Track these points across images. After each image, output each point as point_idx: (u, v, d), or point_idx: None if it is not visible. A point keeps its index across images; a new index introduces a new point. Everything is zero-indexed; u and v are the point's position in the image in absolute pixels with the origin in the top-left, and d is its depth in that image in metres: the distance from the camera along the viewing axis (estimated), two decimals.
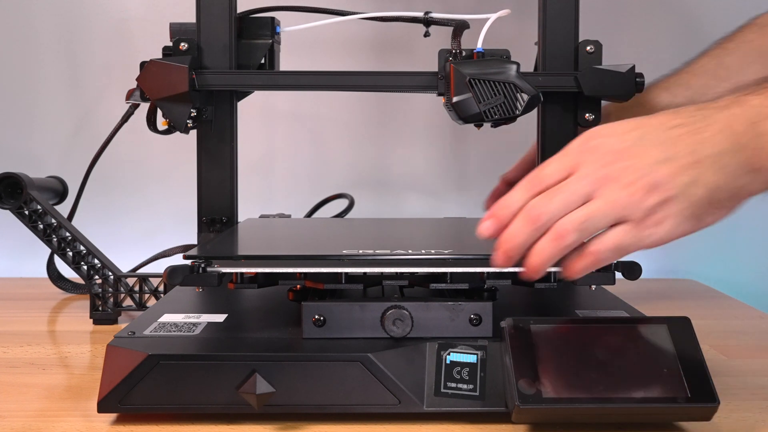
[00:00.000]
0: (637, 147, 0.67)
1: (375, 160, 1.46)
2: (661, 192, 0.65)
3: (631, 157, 0.66)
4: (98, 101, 1.42)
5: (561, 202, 0.66)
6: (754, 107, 0.67)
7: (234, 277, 0.75)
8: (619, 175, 0.66)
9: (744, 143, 0.66)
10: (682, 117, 0.68)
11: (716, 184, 0.66)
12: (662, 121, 0.68)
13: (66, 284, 1.24)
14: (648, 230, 0.66)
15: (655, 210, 0.66)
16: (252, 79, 1.00)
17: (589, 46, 0.96)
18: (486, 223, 0.69)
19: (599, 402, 0.67)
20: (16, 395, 0.79)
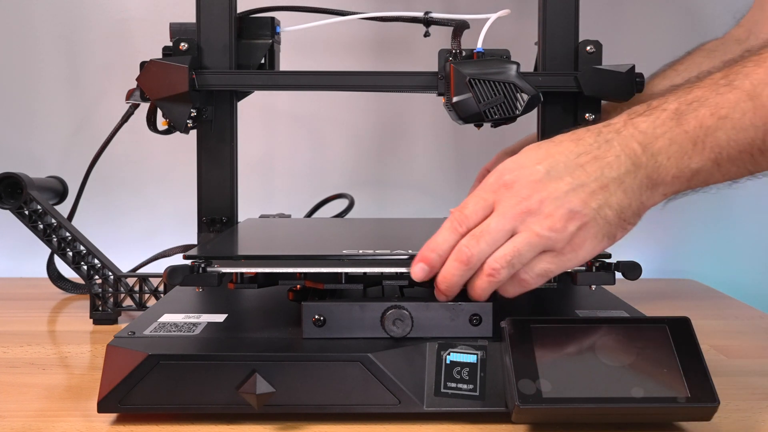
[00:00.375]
0: (548, 179, 0.72)
1: (375, 160, 1.46)
2: (578, 218, 0.71)
3: (545, 188, 0.71)
4: (98, 101, 1.42)
5: (487, 242, 0.71)
6: (644, 132, 0.72)
7: (234, 277, 0.75)
8: (537, 207, 0.71)
9: (641, 163, 0.72)
10: (585, 144, 0.73)
11: (623, 204, 0.72)
12: (567, 150, 0.73)
13: (66, 284, 1.24)
14: (569, 255, 0.72)
15: (574, 237, 0.71)
16: (252, 79, 1.00)
17: (589, 46, 0.96)
18: (417, 267, 0.73)
19: (599, 402, 0.67)
20: (16, 395, 0.79)
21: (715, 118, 0.71)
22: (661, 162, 0.72)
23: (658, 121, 0.72)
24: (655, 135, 0.72)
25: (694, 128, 0.71)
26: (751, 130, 0.70)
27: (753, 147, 0.71)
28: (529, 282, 0.72)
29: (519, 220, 0.71)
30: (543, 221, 0.70)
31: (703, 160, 0.71)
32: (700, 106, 0.71)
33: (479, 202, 0.73)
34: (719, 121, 0.70)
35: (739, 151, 0.71)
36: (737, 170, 0.72)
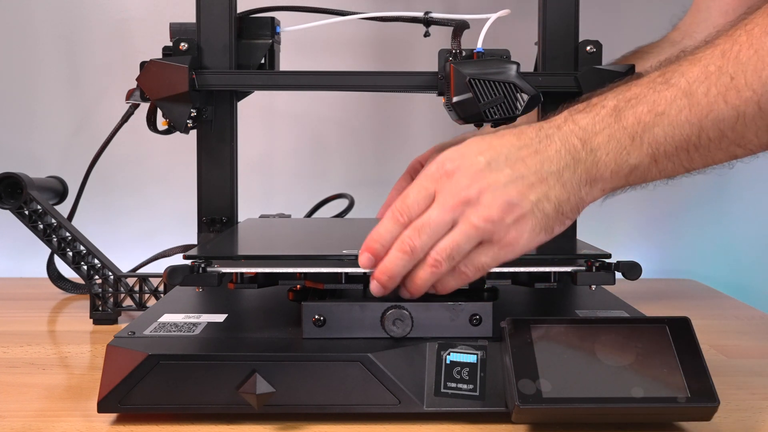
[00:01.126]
0: (489, 170, 0.72)
1: (375, 160, 1.46)
2: (516, 210, 0.71)
3: (484, 179, 0.72)
4: (98, 101, 1.42)
5: (428, 235, 0.72)
6: (584, 128, 0.73)
7: (234, 277, 0.75)
8: (475, 197, 0.71)
9: (580, 159, 0.73)
10: (526, 138, 0.74)
11: (561, 198, 0.72)
12: (509, 143, 0.74)
13: (66, 284, 1.24)
14: (507, 247, 0.72)
15: (511, 229, 0.72)
16: (252, 79, 1.00)
17: (589, 46, 0.96)
18: (363, 256, 0.74)
19: (599, 402, 0.67)
20: (16, 395, 0.79)
21: (652, 115, 0.71)
22: (599, 157, 0.72)
23: (597, 118, 0.73)
24: (594, 131, 0.73)
25: (632, 124, 0.72)
26: (687, 127, 0.71)
27: (689, 143, 0.71)
28: (468, 275, 0.73)
29: (458, 211, 0.72)
30: (480, 212, 0.71)
31: (641, 156, 0.72)
32: (638, 103, 0.72)
33: (421, 192, 0.73)
34: (656, 118, 0.71)
35: (676, 147, 0.72)
36: (673, 167, 0.73)
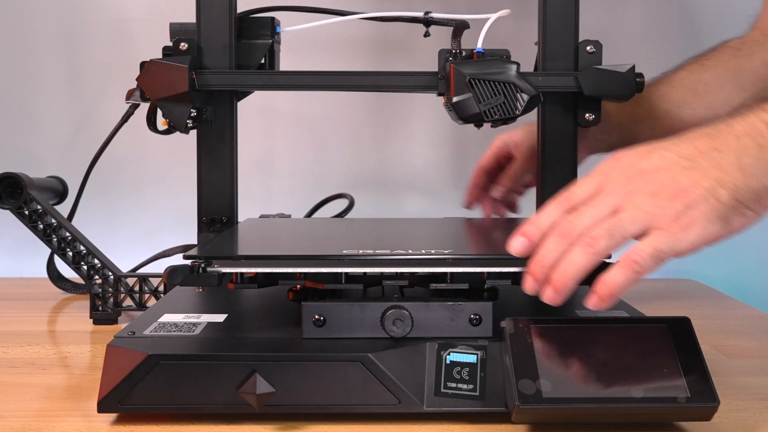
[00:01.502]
0: (660, 160, 0.70)
1: (375, 160, 1.46)
2: (686, 197, 0.67)
3: (654, 170, 0.69)
4: (98, 101, 1.42)
5: (590, 216, 0.68)
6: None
7: (234, 277, 0.75)
8: (644, 187, 0.69)
9: (764, 144, 0.68)
10: (704, 131, 0.71)
11: (739, 185, 0.68)
12: (686, 137, 0.71)
13: (66, 284, 1.24)
14: (679, 234, 0.67)
15: (682, 215, 0.67)
16: (252, 79, 1.00)
17: (589, 46, 0.96)
18: (516, 241, 0.71)
19: (599, 402, 0.67)
20: (16, 395, 0.79)
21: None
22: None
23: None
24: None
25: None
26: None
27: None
28: (641, 263, 0.66)
29: (624, 198, 0.68)
30: (647, 199, 0.68)
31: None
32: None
33: (588, 184, 0.71)
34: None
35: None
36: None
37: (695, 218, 0.67)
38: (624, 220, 0.68)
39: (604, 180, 0.71)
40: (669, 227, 0.67)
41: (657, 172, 0.69)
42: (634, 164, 0.70)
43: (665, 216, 0.67)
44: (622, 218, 0.68)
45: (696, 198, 0.67)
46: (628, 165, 0.70)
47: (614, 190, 0.69)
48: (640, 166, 0.70)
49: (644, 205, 0.68)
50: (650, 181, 0.69)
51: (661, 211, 0.67)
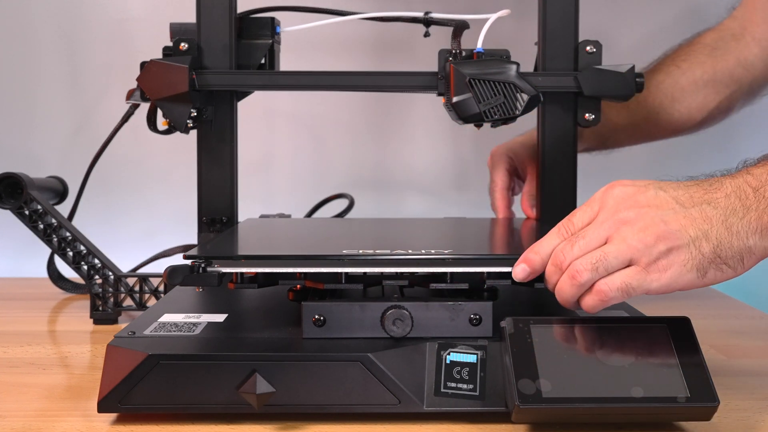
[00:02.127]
0: (655, 198, 0.72)
1: (375, 160, 1.46)
2: (670, 240, 0.70)
3: (648, 205, 0.72)
4: (98, 101, 1.42)
5: (580, 247, 0.72)
6: (758, 177, 0.73)
7: (234, 277, 0.75)
8: (634, 219, 0.71)
9: (749, 205, 0.71)
10: (695, 182, 0.74)
11: (723, 241, 0.70)
12: (682, 183, 0.74)
13: (66, 284, 1.24)
14: (652, 275, 0.70)
15: (662, 257, 0.70)
16: (252, 79, 1.00)
17: (589, 46, 0.96)
18: (519, 268, 0.74)
19: (599, 402, 0.67)
20: (16, 395, 0.79)
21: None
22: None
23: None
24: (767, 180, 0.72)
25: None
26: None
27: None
28: (607, 294, 0.71)
29: (614, 229, 0.71)
30: (635, 233, 0.70)
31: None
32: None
33: (584, 213, 0.74)
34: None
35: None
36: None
37: (673, 263, 0.70)
38: (609, 253, 0.70)
39: (599, 207, 0.74)
40: (647, 266, 0.70)
41: (650, 209, 0.71)
42: (631, 196, 0.73)
43: (647, 255, 0.70)
44: (608, 252, 0.71)
45: (680, 244, 0.70)
46: (624, 195, 0.73)
47: (606, 218, 0.72)
48: (635, 198, 0.72)
49: (630, 239, 0.70)
50: (641, 215, 0.71)
51: (645, 248, 0.70)
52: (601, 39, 0.98)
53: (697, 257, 0.70)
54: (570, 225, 0.74)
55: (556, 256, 0.73)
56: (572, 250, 0.72)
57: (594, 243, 0.72)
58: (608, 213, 0.72)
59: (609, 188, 0.74)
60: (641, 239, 0.70)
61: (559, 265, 0.72)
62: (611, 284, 0.70)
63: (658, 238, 0.70)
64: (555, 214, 1.03)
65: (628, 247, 0.70)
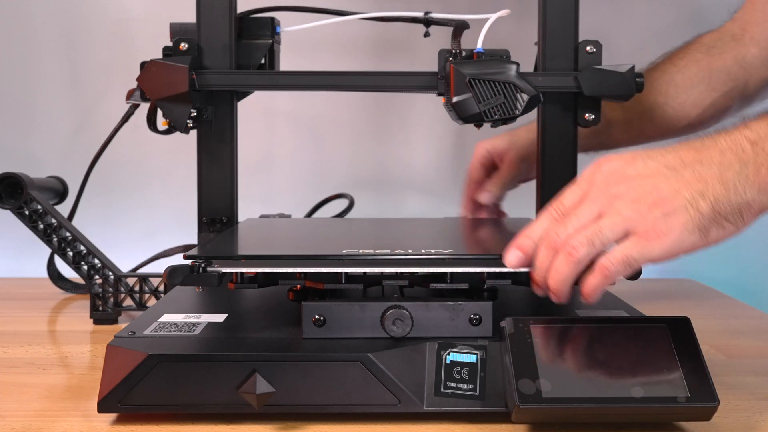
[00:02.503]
0: (644, 168, 0.71)
1: (375, 160, 1.46)
2: (666, 205, 0.69)
3: (637, 176, 0.71)
4: (98, 101, 1.42)
5: (573, 225, 0.71)
6: (756, 131, 0.71)
7: (234, 277, 0.75)
8: (625, 192, 0.70)
9: (747, 159, 0.70)
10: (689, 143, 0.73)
11: (720, 198, 0.69)
12: (671, 148, 0.73)
13: (66, 284, 1.24)
14: (653, 242, 0.69)
15: (659, 222, 0.69)
16: (252, 79, 1.00)
17: (589, 46, 0.96)
18: (511, 254, 0.73)
19: (599, 402, 0.67)
20: (16, 395, 0.79)
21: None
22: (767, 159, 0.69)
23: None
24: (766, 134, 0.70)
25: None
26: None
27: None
28: (610, 269, 0.69)
29: (606, 204, 0.70)
30: (627, 205, 0.69)
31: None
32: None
33: (574, 189, 0.73)
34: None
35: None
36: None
37: (673, 226, 0.69)
38: (603, 227, 0.69)
39: (588, 186, 0.73)
40: (645, 234, 0.69)
41: (640, 179, 0.70)
42: (618, 170, 0.72)
43: (643, 222, 0.69)
44: (602, 225, 0.70)
45: (676, 207, 0.69)
46: (612, 171, 0.72)
47: (597, 195, 0.71)
48: (624, 172, 0.71)
49: (624, 211, 0.69)
50: (632, 187, 0.70)
51: (639, 217, 0.69)
52: (601, 39, 0.98)
53: (697, 217, 0.69)
54: (560, 206, 0.73)
55: (548, 237, 0.71)
56: (566, 229, 0.71)
57: (587, 219, 0.70)
58: (598, 189, 0.71)
59: (596, 166, 0.73)
60: (635, 209, 0.69)
61: (553, 246, 0.71)
62: (612, 258, 0.69)
63: (652, 205, 0.69)
64: None
65: (622, 218, 0.69)
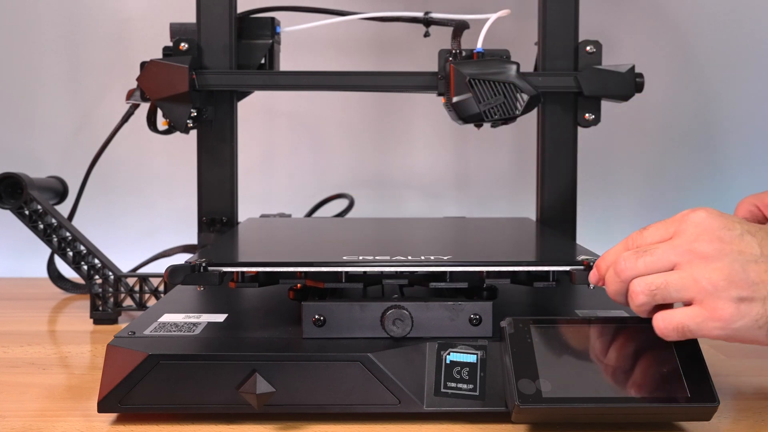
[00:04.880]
0: (740, 240, 0.65)
1: (375, 160, 1.46)
2: (744, 290, 0.64)
3: (730, 243, 0.65)
4: (98, 101, 1.42)
5: (645, 263, 0.67)
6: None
7: (235, 276, 0.75)
8: (709, 254, 0.65)
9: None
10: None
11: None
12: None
13: (66, 284, 1.24)
14: (716, 322, 0.64)
15: (731, 304, 0.64)
16: (252, 79, 1.00)
17: (589, 46, 0.96)
18: (591, 272, 0.72)
19: (599, 402, 0.67)
20: (16, 395, 0.79)
21: None
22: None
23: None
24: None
25: None
26: None
27: None
28: (662, 330, 0.66)
29: (685, 258, 0.65)
30: (708, 271, 0.64)
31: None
32: None
33: (660, 228, 0.68)
34: None
35: None
36: None
37: (743, 314, 0.64)
38: (671, 283, 0.65)
39: (676, 231, 0.67)
40: (712, 310, 0.64)
41: (731, 250, 0.65)
42: (714, 229, 0.66)
43: (714, 298, 0.64)
44: (670, 281, 0.65)
45: (754, 296, 0.64)
46: (708, 227, 0.66)
47: (679, 243, 0.66)
48: (719, 233, 0.65)
49: (699, 275, 0.64)
50: (720, 254, 0.65)
51: (713, 290, 0.64)
52: (601, 39, 0.98)
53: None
54: (639, 237, 0.69)
55: (617, 263, 0.68)
56: (636, 264, 0.67)
57: (659, 264, 0.66)
58: (684, 239, 0.66)
59: (692, 212, 0.67)
60: (711, 279, 0.64)
61: (619, 274, 0.68)
62: (668, 322, 0.66)
63: (731, 283, 0.64)
64: (555, 215, 1.03)
65: (694, 282, 0.64)
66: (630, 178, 1.44)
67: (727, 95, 1.42)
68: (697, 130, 1.42)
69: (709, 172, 1.43)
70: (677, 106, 1.42)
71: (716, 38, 1.40)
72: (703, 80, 1.41)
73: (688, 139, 1.42)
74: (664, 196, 1.43)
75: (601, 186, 1.41)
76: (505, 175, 1.43)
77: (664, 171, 1.43)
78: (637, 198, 1.43)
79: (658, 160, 1.43)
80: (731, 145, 1.43)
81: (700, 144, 1.42)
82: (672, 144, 1.43)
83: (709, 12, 1.41)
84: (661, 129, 1.43)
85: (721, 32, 1.40)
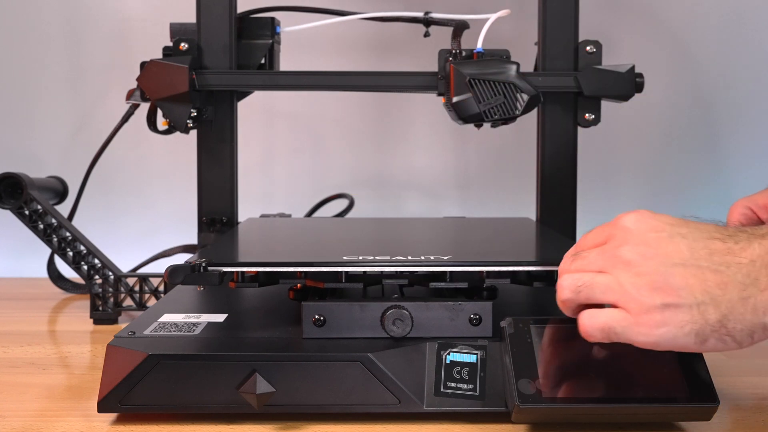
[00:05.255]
0: (668, 243, 0.64)
1: (375, 160, 1.46)
2: (669, 296, 0.62)
3: (656, 247, 0.64)
4: (98, 101, 1.42)
5: (576, 267, 0.67)
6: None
7: (235, 276, 0.75)
8: (632, 259, 0.64)
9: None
10: (725, 232, 0.64)
11: (734, 312, 0.62)
12: (706, 229, 0.65)
13: (66, 284, 1.24)
14: (641, 327, 0.63)
15: (655, 311, 0.63)
16: (252, 79, 1.00)
17: (589, 46, 0.97)
18: None
19: (599, 402, 0.67)
20: (16, 395, 0.79)
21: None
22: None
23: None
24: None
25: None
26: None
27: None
28: (587, 330, 0.65)
29: (612, 263, 0.64)
30: (630, 276, 0.63)
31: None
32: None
33: (597, 233, 0.68)
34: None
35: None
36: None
37: (669, 321, 0.62)
38: (596, 284, 0.65)
39: (608, 236, 0.67)
40: (636, 316, 0.63)
41: (656, 254, 0.63)
42: (641, 233, 0.65)
43: (638, 303, 0.63)
44: (596, 282, 0.65)
45: (680, 303, 0.62)
46: (636, 230, 0.65)
47: (608, 251, 0.65)
48: (645, 236, 0.64)
49: (624, 281, 0.64)
50: (644, 259, 0.63)
51: (637, 295, 0.63)
52: (601, 39, 0.98)
53: (699, 322, 0.62)
54: (581, 241, 0.70)
55: (559, 270, 0.69)
56: (569, 267, 0.68)
57: (588, 269, 0.66)
58: (612, 244, 0.66)
59: (623, 216, 0.67)
60: (635, 285, 0.63)
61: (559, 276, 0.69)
62: (594, 321, 0.65)
63: (654, 290, 0.62)
64: (555, 215, 1.04)
65: (619, 286, 0.64)
66: (630, 178, 1.44)
67: (727, 95, 1.42)
68: (697, 130, 1.42)
69: (709, 172, 1.43)
70: (677, 106, 1.42)
71: (716, 38, 1.40)
72: (703, 80, 1.41)
73: (688, 139, 1.42)
74: (664, 196, 1.43)
75: (601, 186, 1.41)
76: (505, 175, 1.43)
77: (664, 171, 1.44)
78: (637, 198, 1.43)
79: (658, 160, 1.43)
80: (731, 146, 1.43)
81: (700, 144, 1.42)
82: (672, 144, 1.43)
83: (709, 12, 1.41)
84: (661, 129, 1.43)
85: (721, 32, 1.40)
